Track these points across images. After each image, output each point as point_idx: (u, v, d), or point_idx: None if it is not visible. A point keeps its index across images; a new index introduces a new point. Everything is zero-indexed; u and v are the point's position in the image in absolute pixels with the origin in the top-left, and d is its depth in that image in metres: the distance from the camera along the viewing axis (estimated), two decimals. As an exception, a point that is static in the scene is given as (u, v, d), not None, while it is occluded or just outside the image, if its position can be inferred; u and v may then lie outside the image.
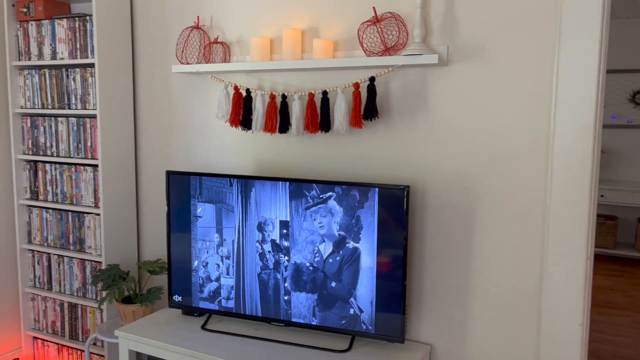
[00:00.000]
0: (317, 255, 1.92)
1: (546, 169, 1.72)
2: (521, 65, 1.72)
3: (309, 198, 1.90)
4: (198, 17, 2.24)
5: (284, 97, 2.01)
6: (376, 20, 1.83)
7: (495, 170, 1.79)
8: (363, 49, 1.86)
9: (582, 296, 1.69)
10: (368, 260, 1.86)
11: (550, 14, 1.66)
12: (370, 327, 1.88)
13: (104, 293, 2.41)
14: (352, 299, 1.90)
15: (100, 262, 2.44)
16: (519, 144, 1.75)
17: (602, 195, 4.83)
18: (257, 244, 2.00)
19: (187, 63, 2.21)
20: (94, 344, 2.51)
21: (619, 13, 4.79)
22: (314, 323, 1.96)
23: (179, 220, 2.11)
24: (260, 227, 1.98)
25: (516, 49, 1.72)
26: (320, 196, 1.88)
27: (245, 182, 1.98)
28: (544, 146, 1.71)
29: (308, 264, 1.94)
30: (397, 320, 1.84)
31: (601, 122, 1.69)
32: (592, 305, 3.87)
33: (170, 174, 2.10)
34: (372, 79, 1.84)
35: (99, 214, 2.42)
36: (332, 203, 1.87)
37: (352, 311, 1.90)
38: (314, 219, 1.90)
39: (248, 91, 2.06)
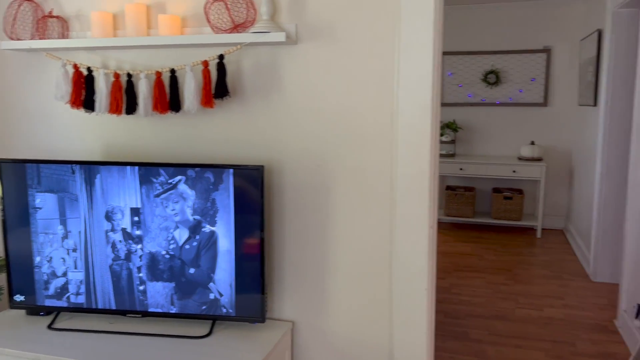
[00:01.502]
0: (172, 242, 1.85)
1: (391, 144, 1.79)
2: (367, 44, 1.76)
3: (157, 184, 1.81)
4: (29, -13, 2.01)
5: (129, 76, 1.88)
6: (223, -4, 1.77)
7: (346, 147, 1.84)
8: (210, 26, 1.79)
9: (426, 263, 1.80)
10: (226, 243, 1.83)
11: (391, -6, 1.72)
12: (231, 310, 1.86)
13: None
14: (211, 284, 1.86)
15: None
16: (367, 121, 1.80)
17: (461, 169, 5.23)
18: (106, 233, 1.87)
19: (18, 39, 1.99)
20: None
21: (471, -1, 5.16)
22: (173, 311, 1.89)
23: (16, 213, 1.91)
24: (108, 216, 1.86)
25: (362, 28, 1.76)
26: (169, 181, 1.80)
27: (89, 168, 1.84)
28: (389, 123, 1.78)
29: (164, 252, 1.86)
30: (257, 301, 1.84)
31: (438, 99, 1.79)
32: (452, 270, 4.20)
33: (1, 162, 1.89)
34: (221, 57, 1.79)
35: None
36: (182, 187, 1.80)
37: (212, 296, 1.86)
38: (166, 207, 1.82)
39: (89, 70, 1.91)
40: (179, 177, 1.80)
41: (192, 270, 1.86)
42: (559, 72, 5.23)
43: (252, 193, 1.79)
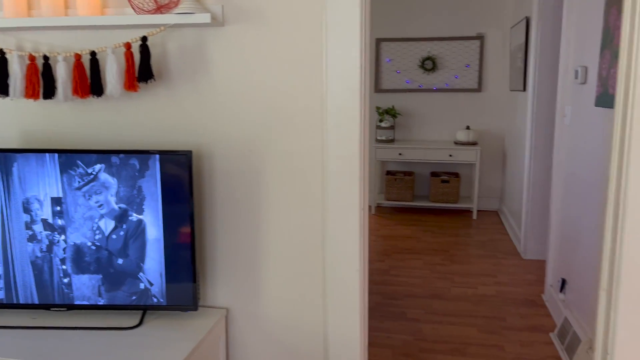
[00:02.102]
0: (97, 232, 1.78)
1: (322, 128, 1.79)
2: (295, 27, 1.75)
3: (76, 177, 1.73)
4: None
5: (46, 58, 1.78)
6: (144, -25, 1.70)
7: (277, 131, 1.82)
8: (132, 6, 1.72)
9: (358, 244, 1.82)
10: (154, 231, 1.78)
11: (318, -24, 1.71)
12: (162, 300, 1.82)
13: None
14: (141, 274, 1.81)
15: None
16: (298, 104, 1.79)
17: (400, 154, 5.33)
18: (26, 225, 1.78)
19: None
20: None
21: (407, -15, 5.23)
22: (101, 303, 1.83)
23: None
24: (27, 207, 1.77)
25: (290, 10, 1.74)
26: (89, 172, 1.73)
27: (4, 156, 1.74)
28: (320, 106, 1.78)
29: (89, 243, 1.79)
30: (189, 289, 1.81)
31: (367, 84, 1.80)
32: (391, 253, 4.29)
33: None
34: (144, 39, 1.73)
35: None
36: (103, 176, 1.74)
37: (142, 286, 1.81)
38: (89, 199, 1.75)
39: (2, 52, 1.79)
40: (98, 167, 1.73)
41: (120, 261, 1.80)
42: (491, 59, 5.40)
43: (181, 179, 1.75)
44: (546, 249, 3.45)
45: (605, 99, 2.33)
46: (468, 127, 5.34)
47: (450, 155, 5.23)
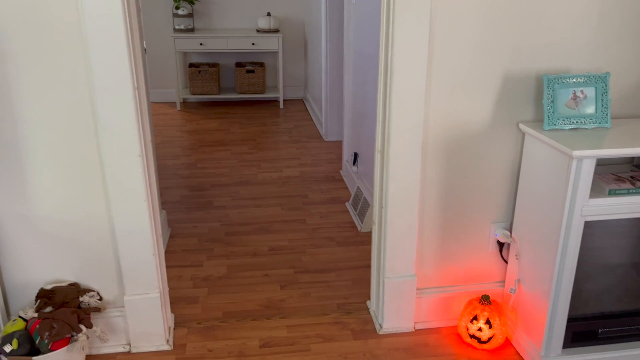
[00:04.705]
0: None
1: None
2: None
3: None
4: None
5: None
6: None
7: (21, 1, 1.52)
8: None
9: (136, 127, 1.68)
10: None
11: None
12: None
13: None
14: None
15: None
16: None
17: (201, 44, 5.06)
18: None
19: None
20: None
21: None
22: None
23: None
24: None
25: None
26: None
27: None
28: (69, -32, 1.52)
29: None
30: None
31: (125, -60, 1.57)
32: (198, 147, 4.19)
33: None
34: None
35: None
36: None
37: None
38: None
39: None
40: None
41: None
42: (288, -59, 5.23)
43: None
44: (343, 129, 3.66)
45: (381, -27, 2.40)
46: (269, 14, 5.23)
47: (253, 44, 5.12)
